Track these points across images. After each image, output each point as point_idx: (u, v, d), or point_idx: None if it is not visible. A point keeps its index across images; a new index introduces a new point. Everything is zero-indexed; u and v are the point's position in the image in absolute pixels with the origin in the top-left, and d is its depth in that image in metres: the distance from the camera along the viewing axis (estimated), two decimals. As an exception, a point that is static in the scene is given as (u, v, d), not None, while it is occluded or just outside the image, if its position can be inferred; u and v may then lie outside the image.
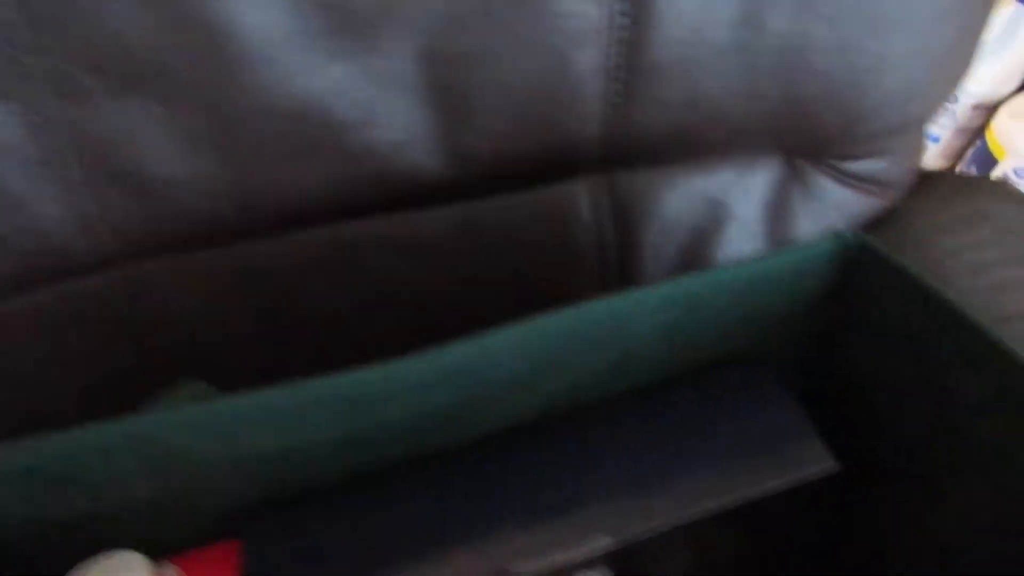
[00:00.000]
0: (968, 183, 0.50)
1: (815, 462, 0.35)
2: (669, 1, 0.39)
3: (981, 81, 1.09)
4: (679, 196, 0.47)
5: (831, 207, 0.48)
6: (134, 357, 0.39)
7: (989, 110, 1.11)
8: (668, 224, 0.48)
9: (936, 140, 1.16)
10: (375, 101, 0.39)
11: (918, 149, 0.49)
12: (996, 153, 1.07)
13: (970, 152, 1.13)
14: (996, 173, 1.08)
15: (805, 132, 0.45)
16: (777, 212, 0.48)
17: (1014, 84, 1.10)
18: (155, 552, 0.33)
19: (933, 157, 1.19)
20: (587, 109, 0.42)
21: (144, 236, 0.38)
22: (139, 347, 0.39)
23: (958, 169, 1.15)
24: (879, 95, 0.43)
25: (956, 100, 1.11)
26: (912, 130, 0.47)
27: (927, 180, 0.51)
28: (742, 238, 0.48)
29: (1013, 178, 1.06)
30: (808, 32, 0.41)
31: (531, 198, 0.46)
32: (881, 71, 0.42)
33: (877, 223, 0.49)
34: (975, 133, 1.13)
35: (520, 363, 0.34)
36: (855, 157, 0.47)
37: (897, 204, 0.49)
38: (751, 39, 0.41)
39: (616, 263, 0.48)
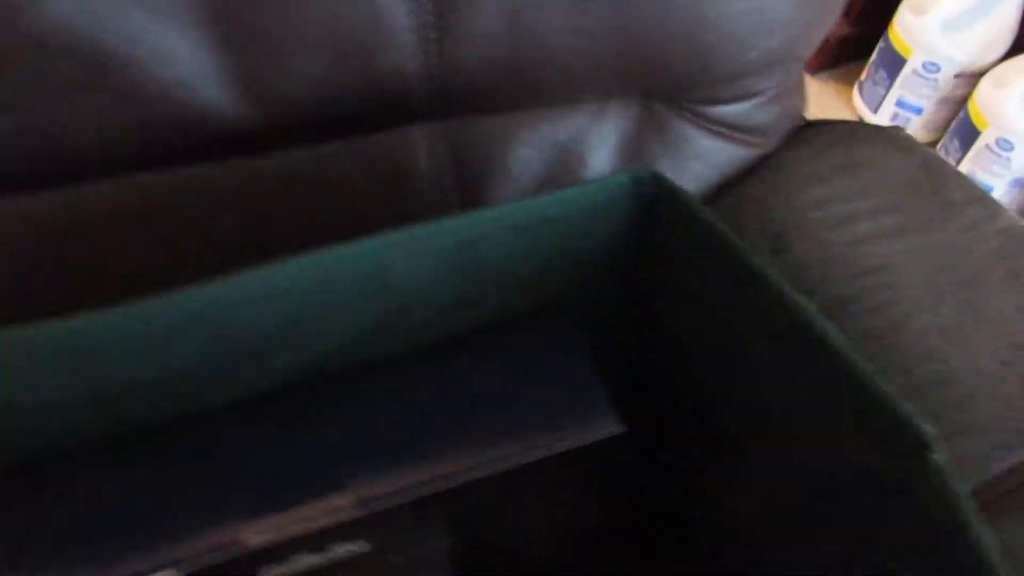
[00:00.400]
0: (852, 131, 0.45)
1: (599, 424, 0.32)
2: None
3: (964, 49, 1.03)
4: (524, 144, 0.44)
5: (693, 156, 0.44)
6: None
7: (972, 79, 1.04)
8: (515, 175, 0.44)
9: (919, 112, 1.10)
10: (147, 33, 0.36)
11: (792, 94, 0.45)
12: (978, 124, 1.01)
13: (953, 124, 1.07)
14: (978, 144, 1.02)
15: (653, 73, 0.41)
16: (633, 161, 0.44)
17: (998, 52, 1.04)
18: None
19: (916, 129, 1.12)
20: (400, 43, 0.39)
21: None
22: None
23: (941, 142, 1.09)
24: (727, 27, 0.39)
25: (938, 69, 1.05)
26: (778, 71, 0.42)
27: (809, 129, 0.47)
28: (595, 190, 0.44)
29: (995, 149, 0.99)
30: (635, -45, 0.37)
31: (361, 145, 0.43)
32: (727, 4, 0.38)
33: (747, 173, 0.45)
34: (959, 104, 1.07)
35: (271, 313, 0.31)
36: (716, 101, 0.43)
37: (770, 153, 0.45)
38: (571, -37, 0.37)
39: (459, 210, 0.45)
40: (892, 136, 0.45)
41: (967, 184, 0.42)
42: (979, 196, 0.41)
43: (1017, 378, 0.33)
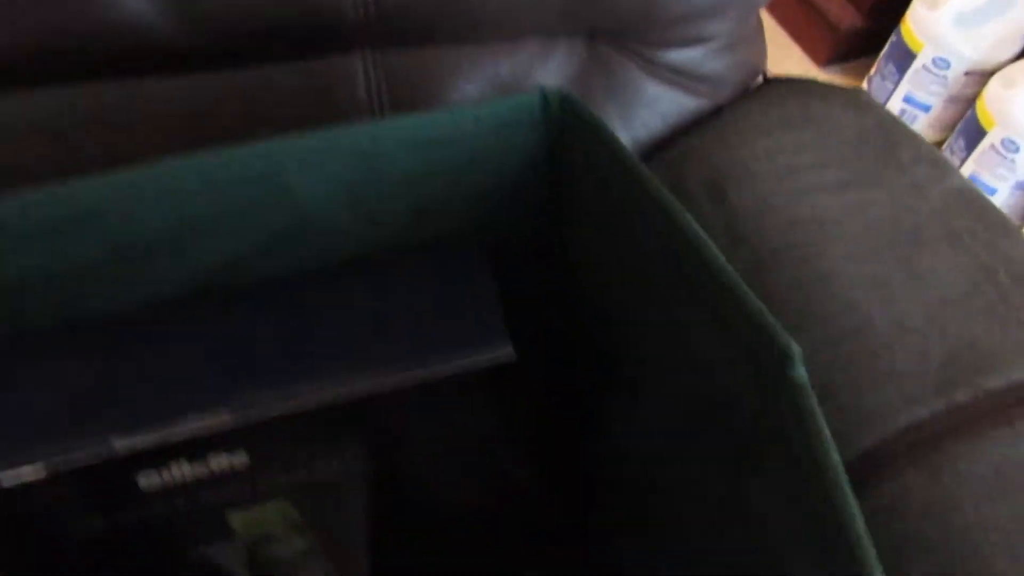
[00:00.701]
0: (809, 87, 0.43)
1: (493, 349, 0.30)
2: None
3: (975, 46, 1.00)
4: (467, 79, 0.42)
5: (641, 103, 0.42)
6: None
7: (982, 78, 1.01)
8: (455, 112, 0.43)
9: (927, 109, 1.08)
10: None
11: (747, 44, 0.43)
12: (984, 123, 0.98)
13: (960, 123, 1.04)
14: (983, 144, 0.99)
15: (597, 10, 0.40)
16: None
17: (1010, 52, 1.01)
18: None
19: (923, 128, 1.10)
20: (335, -37, 0.38)
21: None
22: None
23: (947, 142, 1.06)
24: (671, -39, 0.38)
25: (948, 66, 1.02)
26: (729, 16, 0.41)
27: (767, 84, 0.45)
28: (537, 132, 0.43)
29: (1000, 150, 0.97)
30: None
31: (297, 69, 0.42)
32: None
33: (694, 123, 0.43)
34: (967, 103, 1.04)
35: (160, 218, 0.30)
36: (664, 45, 0.41)
37: (723, 105, 0.44)
38: None
39: (396, 152, 0.43)
40: (851, 95, 0.43)
41: (921, 145, 0.40)
42: (931, 157, 0.39)
43: (939, 334, 0.32)
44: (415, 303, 0.32)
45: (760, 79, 0.46)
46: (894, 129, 0.41)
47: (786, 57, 1.21)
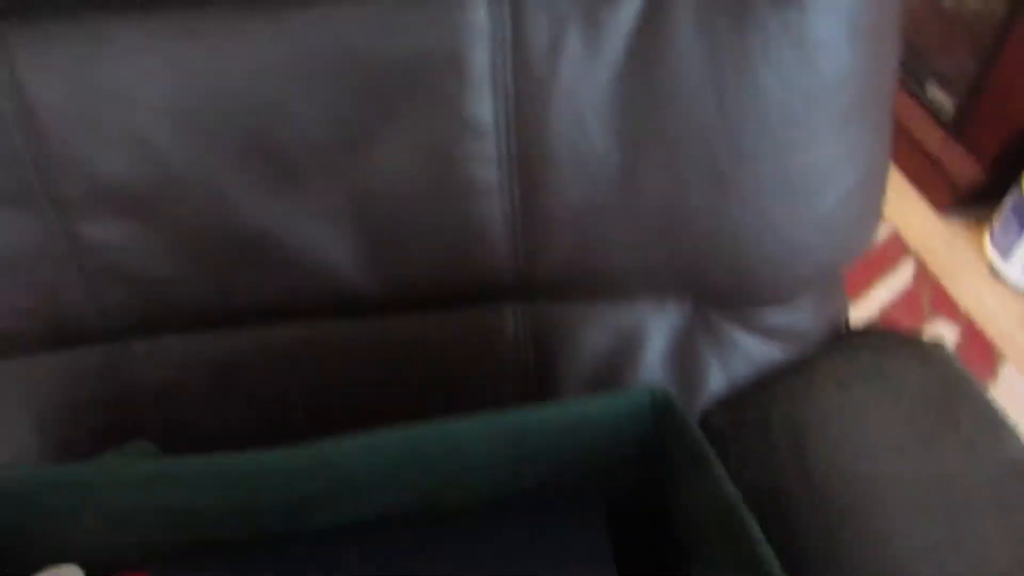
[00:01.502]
0: (885, 341, 0.51)
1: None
2: (554, 165, 0.46)
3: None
4: (595, 328, 0.53)
5: (736, 353, 0.51)
6: (109, 417, 0.50)
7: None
8: (584, 353, 0.53)
9: None
10: (314, 231, 0.49)
11: (829, 305, 0.51)
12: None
13: (1009, 200, 1.07)
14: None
15: (699, 284, 0.49)
16: (684, 351, 0.52)
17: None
18: (92, 569, 0.44)
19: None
20: (496, 247, 0.49)
21: (137, 321, 0.50)
22: (114, 411, 0.50)
23: (996, 221, 1.08)
24: (760, 256, 0.47)
25: None
26: (812, 290, 0.49)
27: (848, 335, 0.53)
28: (650, 371, 0.52)
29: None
30: (684, 196, 0.46)
31: (462, 315, 0.54)
32: (760, 234, 0.46)
33: (782, 371, 0.51)
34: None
35: (363, 469, 0.42)
36: (757, 309, 0.50)
37: (807, 355, 0.52)
38: (631, 200, 0.46)
39: (535, 379, 0.54)
40: (922, 350, 0.50)
41: (983, 408, 0.47)
42: (992, 421, 0.46)
43: (978, 603, 0.38)
44: (538, 542, 0.42)
45: (844, 328, 0.54)
46: (959, 389, 0.48)
47: (905, 203, 1.26)
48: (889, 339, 0.51)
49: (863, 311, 1.16)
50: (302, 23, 0.45)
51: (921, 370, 0.48)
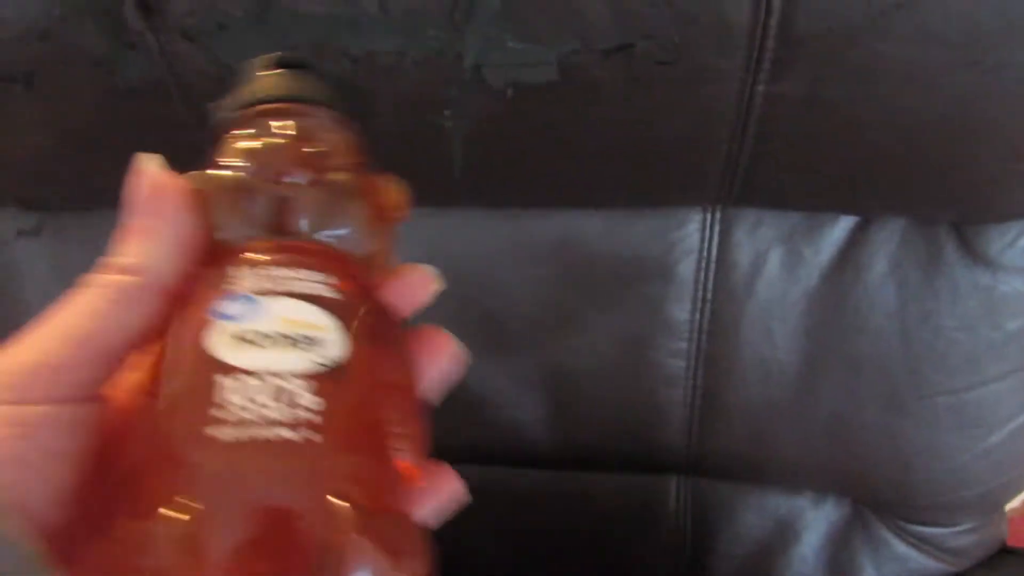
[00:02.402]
0: (1042, 570, 0.52)
1: None
2: (738, 366, 0.51)
3: None
4: (753, 512, 0.57)
5: (891, 558, 0.54)
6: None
7: None
8: (740, 534, 0.57)
9: None
10: (510, 392, 0.55)
11: (989, 528, 0.53)
12: None
13: None
14: None
15: (861, 490, 0.53)
16: (839, 548, 0.55)
17: None
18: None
19: None
20: (673, 428, 0.55)
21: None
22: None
23: None
24: (926, 476, 0.50)
25: None
26: (974, 514, 0.52)
27: (1005, 555, 0.55)
28: (803, 562, 0.55)
29: None
30: (857, 412, 0.50)
31: (628, 480, 0.58)
32: (928, 457, 0.50)
33: (936, 582, 0.53)
34: None
35: None
36: (915, 522, 0.53)
37: (962, 572, 0.54)
38: (806, 406, 0.51)
39: (689, 554, 0.58)
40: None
41: None
42: None
43: None
44: None
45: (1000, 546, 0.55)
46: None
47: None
48: (1046, 568, 0.53)
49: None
50: (531, 217, 0.52)
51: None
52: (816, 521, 0.56)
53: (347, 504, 0.19)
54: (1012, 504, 1.05)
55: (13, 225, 0.52)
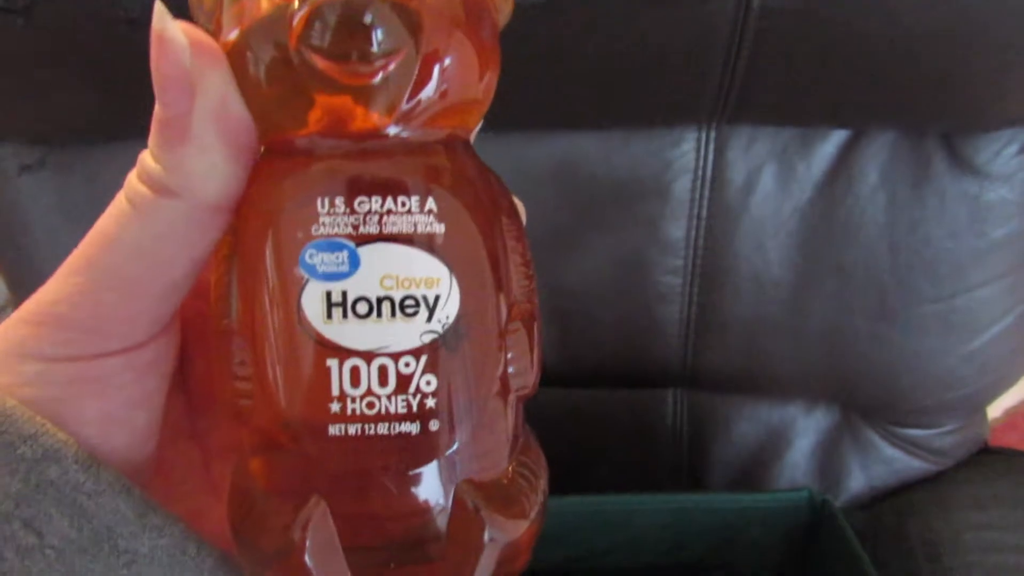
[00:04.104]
0: (1021, 463, 0.55)
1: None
2: (732, 281, 0.53)
3: None
4: (747, 421, 0.59)
5: (878, 461, 0.57)
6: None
7: None
8: (734, 442, 0.60)
9: None
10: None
11: (972, 428, 0.56)
12: None
13: None
14: None
15: (851, 396, 0.55)
16: (829, 453, 0.58)
17: None
18: None
19: None
20: (669, 344, 0.57)
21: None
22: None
23: None
24: (912, 380, 0.52)
25: None
26: (957, 415, 0.54)
27: (987, 454, 0.58)
28: (794, 468, 0.58)
29: None
30: (848, 321, 0.52)
31: (626, 396, 0.61)
32: (915, 362, 0.52)
33: (920, 484, 0.56)
34: None
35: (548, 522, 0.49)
36: (902, 425, 0.56)
37: (946, 470, 0.57)
38: (798, 318, 0.53)
39: (687, 462, 0.61)
40: (1058, 480, 0.54)
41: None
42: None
43: None
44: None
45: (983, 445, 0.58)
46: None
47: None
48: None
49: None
50: (529, 140, 0.53)
51: (1056, 500, 0.53)
52: (807, 429, 0.58)
53: (474, 492, 0.19)
54: (995, 414, 1.08)
55: (16, 160, 0.52)
